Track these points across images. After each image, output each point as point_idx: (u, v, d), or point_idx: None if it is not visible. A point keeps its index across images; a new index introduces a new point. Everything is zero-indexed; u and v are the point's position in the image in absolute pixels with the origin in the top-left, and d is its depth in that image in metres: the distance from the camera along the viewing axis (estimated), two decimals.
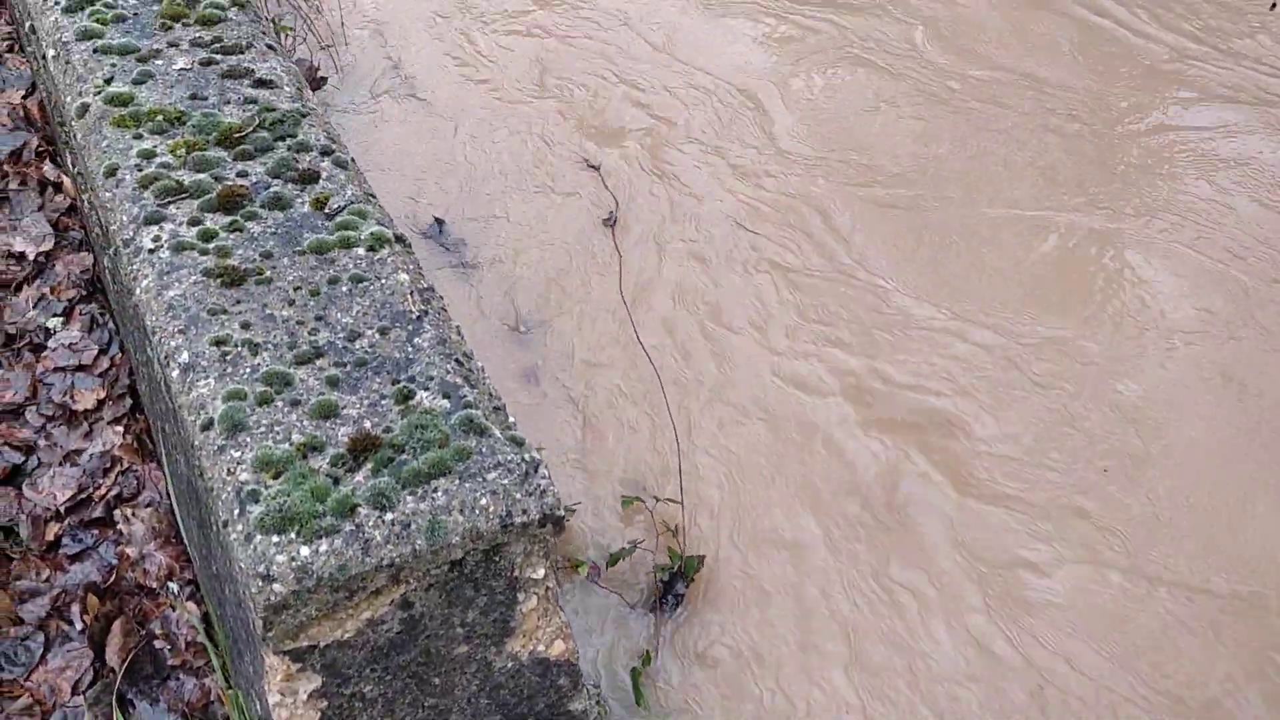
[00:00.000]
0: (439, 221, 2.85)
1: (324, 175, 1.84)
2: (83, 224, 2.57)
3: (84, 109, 1.94)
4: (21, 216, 2.61)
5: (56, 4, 2.16)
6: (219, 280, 1.61)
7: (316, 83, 3.30)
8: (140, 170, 1.80)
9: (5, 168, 2.74)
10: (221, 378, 1.46)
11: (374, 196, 1.86)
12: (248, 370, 1.48)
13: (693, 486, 2.25)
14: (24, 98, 2.93)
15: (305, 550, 1.27)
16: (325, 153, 1.89)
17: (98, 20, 2.12)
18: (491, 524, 1.34)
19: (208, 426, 1.41)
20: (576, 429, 2.39)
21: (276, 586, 1.25)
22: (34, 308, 2.41)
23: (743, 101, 3.23)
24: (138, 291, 1.63)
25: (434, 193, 2.97)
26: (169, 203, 1.74)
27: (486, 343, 2.54)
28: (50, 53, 2.10)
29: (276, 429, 1.40)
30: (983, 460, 2.28)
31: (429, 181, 3.00)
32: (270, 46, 2.14)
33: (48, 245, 2.54)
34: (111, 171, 1.81)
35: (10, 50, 3.08)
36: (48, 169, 2.72)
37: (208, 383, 1.46)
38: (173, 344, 1.52)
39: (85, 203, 2.34)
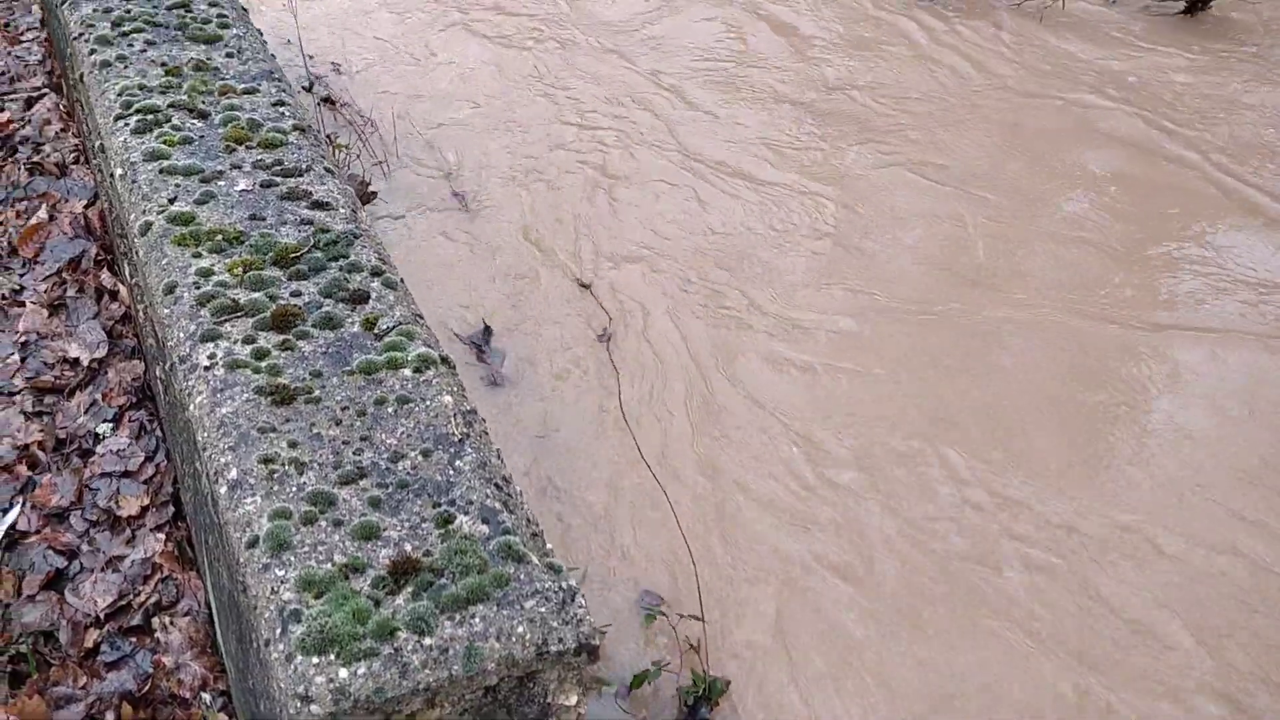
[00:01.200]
0: (487, 330, 2.91)
1: (374, 296, 1.89)
2: (136, 332, 2.65)
3: (147, 227, 2.02)
4: (78, 323, 2.69)
5: (126, 125, 2.26)
6: (270, 398, 1.66)
7: (367, 197, 3.39)
8: (198, 288, 1.86)
9: (65, 275, 2.84)
10: (268, 496, 1.50)
11: (421, 317, 1.92)
12: (294, 489, 1.52)
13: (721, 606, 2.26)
14: (86, 207, 3.04)
15: (344, 672, 1.29)
16: (375, 273, 1.95)
17: (165, 142, 2.21)
18: (527, 652, 1.36)
19: (253, 544, 1.45)
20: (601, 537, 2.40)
21: (314, 708, 1.27)
22: (85, 413, 2.47)
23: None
24: (191, 407, 1.68)
25: (469, 304, 3.03)
26: (225, 320, 1.80)
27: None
28: (118, 171, 2.19)
29: (320, 549, 1.43)
30: None
31: (466, 293, 3.07)
32: (328, 169, 2.23)
33: (101, 352, 2.61)
34: (171, 289, 1.87)
35: (76, 162, 3.21)
36: (105, 277, 2.81)
37: (254, 500, 1.50)
38: (223, 460, 1.56)
39: (140, 312, 2.42)
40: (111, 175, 2.25)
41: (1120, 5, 4.60)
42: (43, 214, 3.02)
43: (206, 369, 1.71)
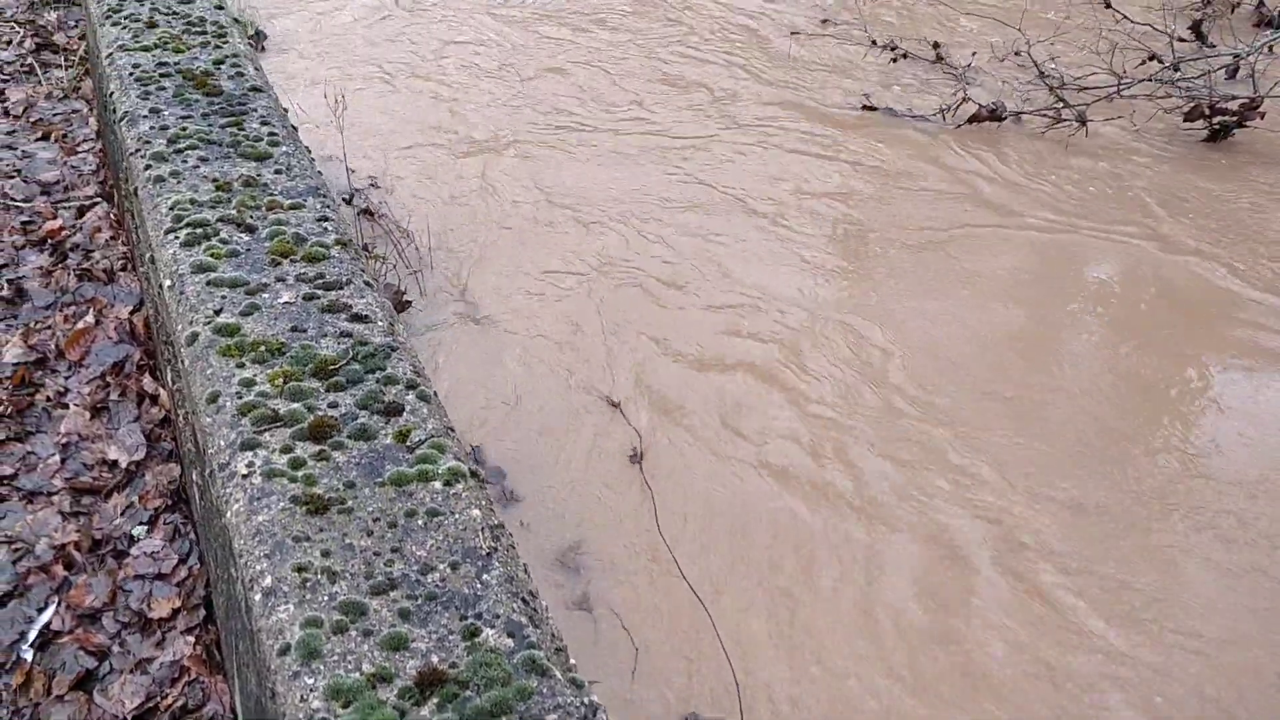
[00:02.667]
0: (474, 449, 2.97)
1: (408, 408, 1.96)
2: (175, 436, 2.72)
3: (194, 337, 2.10)
4: (118, 426, 2.77)
5: (176, 238, 2.36)
6: (305, 508, 1.71)
7: (401, 305, 3.48)
8: (240, 398, 1.93)
9: (108, 378, 2.92)
10: (301, 604, 1.54)
11: (452, 430, 1.97)
12: (325, 598, 1.56)
13: None
14: (131, 313, 3.14)
15: None
16: (410, 386, 2.01)
17: (212, 255, 2.30)
18: None
19: (284, 651, 1.49)
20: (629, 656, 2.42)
21: None
22: (121, 514, 2.53)
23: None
24: (228, 514, 1.73)
25: (487, 418, 3.09)
26: (264, 430, 1.86)
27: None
28: (167, 283, 2.28)
29: (349, 658, 1.47)
30: None
31: (483, 406, 3.14)
32: (367, 283, 2.31)
33: (140, 455, 2.68)
34: (214, 398, 1.94)
35: (124, 269, 3.32)
36: (147, 382, 2.89)
37: (287, 608, 1.54)
38: (258, 568, 1.61)
39: (180, 417, 2.49)
40: (160, 286, 2.34)
41: (1143, 131, 4.70)
42: (89, 319, 3.12)
43: (245, 477, 1.77)
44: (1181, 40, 5.16)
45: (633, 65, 5.11)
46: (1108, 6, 5.15)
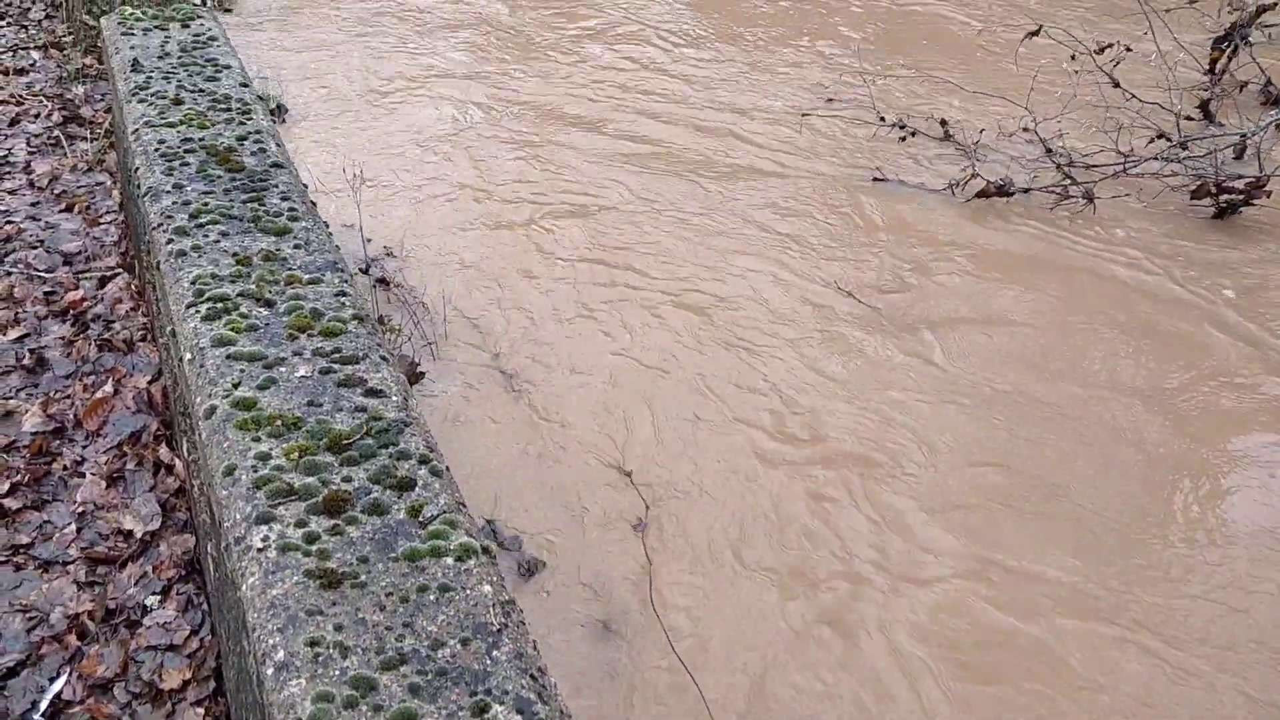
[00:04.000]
0: (489, 522, 2.99)
1: (420, 483, 1.98)
2: (189, 506, 2.74)
3: (211, 410, 2.13)
4: (134, 496, 2.80)
5: (197, 312, 2.41)
6: (318, 582, 1.73)
7: (415, 377, 3.52)
8: (256, 471, 1.96)
9: (125, 448, 2.96)
10: (313, 679, 1.56)
11: (464, 505, 2.00)
12: (337, 672, 1.58)
13: None
14: (149, 383, 3.19)
15: None
16: (423, 461, 2.04)
17: (232, 329, 2.35)
18: None
19: None
20: None
21: None
22: (135, 584, 2.55)
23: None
24: (243, 588, 1.76)
25: (503, 493, 3.12)
26: (279, 504, 1.89)
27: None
28: (187, 356, 2.32)
29: None
30: None
31: (499, 479, 3.16)
32: (382, 357, 2.35)
33: (155, 525, 2.71)
34: (230, 471, 1.97)
35: (143, 340, 3.37)
36: (163, 452, 2.93)
37: (299, 683, 1.56)
38: (270, 642, 1.63)
39: (195, 488, 2.52)
40: (180, 359, 2.38)
41: (1151, 207, 4.75)
42: (108, 388, 3.16)
43: (260, 551, 1.79)
44: (1189, 119, 5.23)
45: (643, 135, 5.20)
46: (1115, 86, 5.21)
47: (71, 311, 3.53)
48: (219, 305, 2.43)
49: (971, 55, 6.32)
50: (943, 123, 5.32)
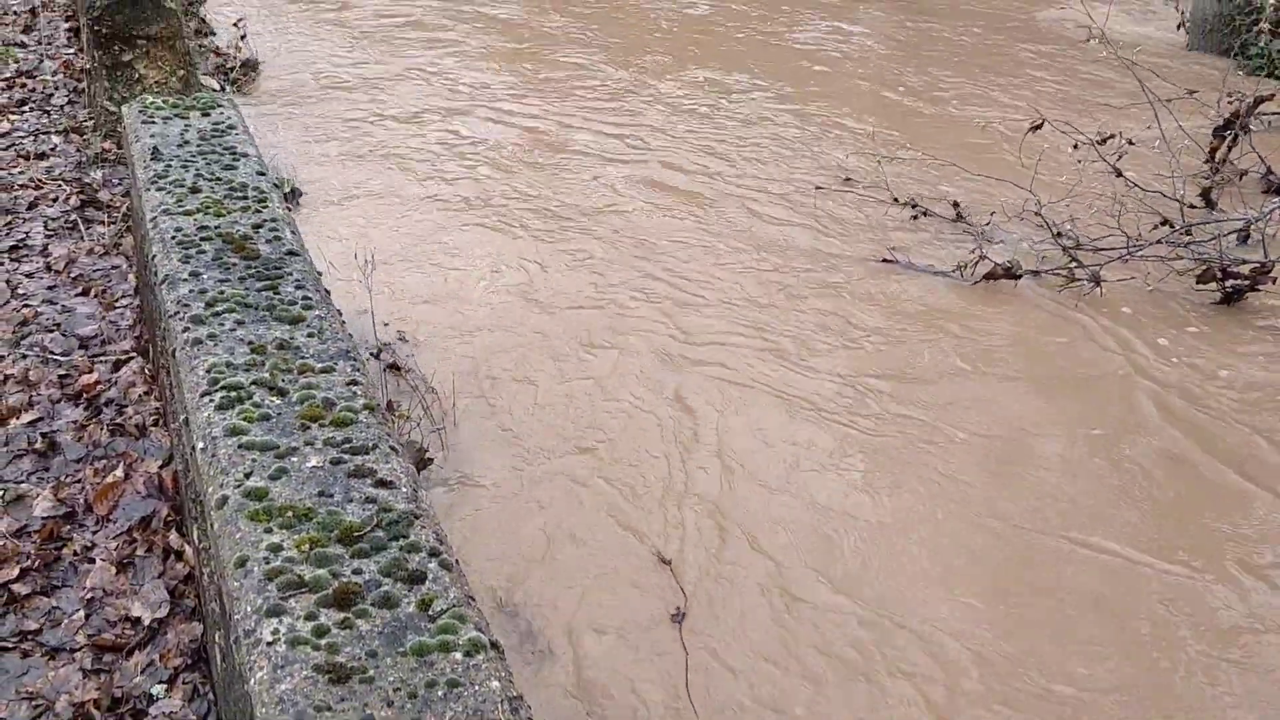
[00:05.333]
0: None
1: (430, 577, 1.99)
2: (198, 594, 2.74)
3: (224, 500, 2.15)
4: (143, 582, 2.80)
5: (211, 401, 2.43)
6: (327, 676, 1.73)
7: (423, 463, 3.53)
8: (268, 563, 1.97)
9: (135, 533, 2.97)
10: None
11: (473, 599, 2.00)
12: None
13: None
14: (160, 468, 3.20)
15: None
16: (433, 554, 2.05)
17: (245, 418, 2.37)
18: None
19: None
20: None
21: None
22: (141, 673, 2.55)
23: None
24: (251, 681, 1.76)
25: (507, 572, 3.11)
26: (290, 596, 1.90)
27: None
28: (199, 445, 2.34)
29: None
30: None
31: (514, 564, 3.16)
32: (393, 448, 2.37)
33: (163, 612, 2.70)
34: (242, 563, 1.98)
35: (155, 424, 3.39)
36: (173, 538, 2.94)
37: None
38: None
39: (204, 576, 2.52)
40: (193, 448, 2.40)
41: (1157, 292, 4.78)
42: (119, 473, 3.18)
43: (270, 644, 1.79)
44: (1193, 207, 5.28)
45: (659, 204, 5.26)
46: (1119, 175, 5.29)
47: (85, 395, 3.56)
48: (232, 394, 2.46)
49: (978, 143, 6.41)
50: (955, 204, 5.38)
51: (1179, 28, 8.43)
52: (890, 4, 9.29)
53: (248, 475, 2.21)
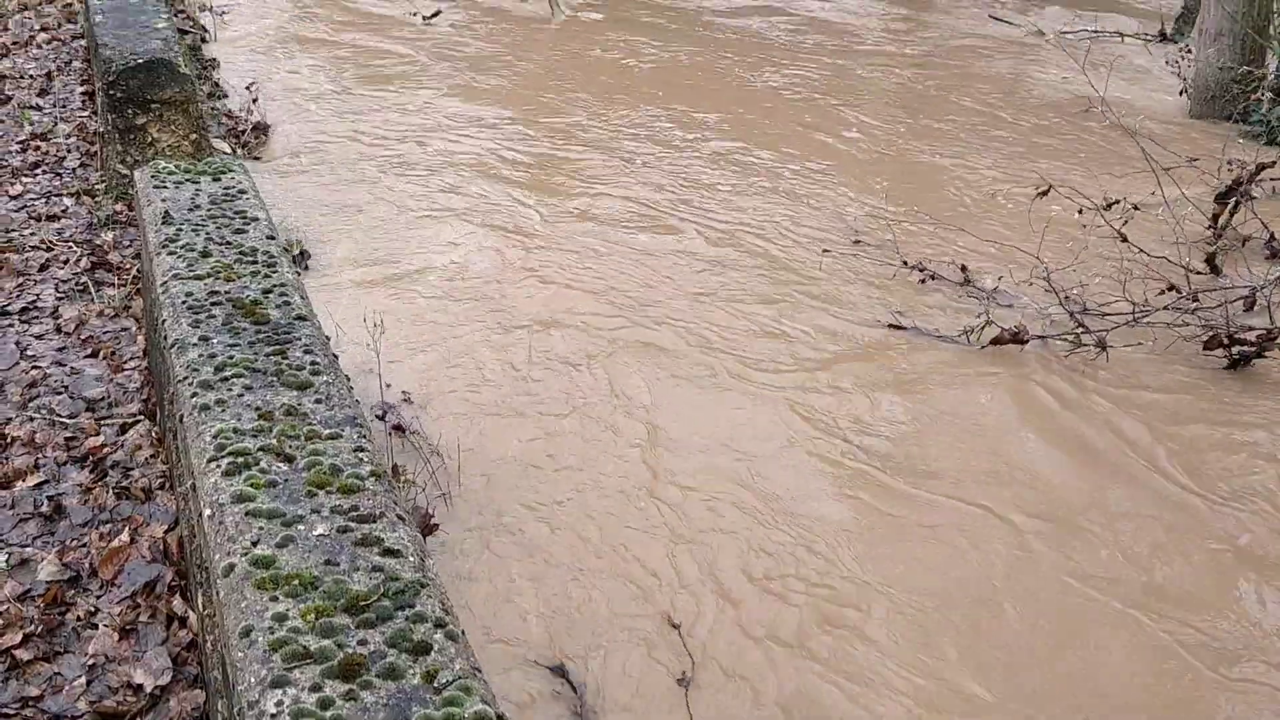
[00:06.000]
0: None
1: (436, 647, 1.97)
2: (201, 660, 2.73)
3: (230, 569, 2.14)
4: (146, 649, 2.79)
5: (218, 467, 2.43)
6: None
7: (429, 529, 3.52)
8: (273, 633, 1.96)
9: (139, 599, 2.95)
10: None
11: (479, 671, 1.98)
12: None
13: None
14: (166, 532, 3.20)
15: None
16: (439, 625, 2.04)
17: (252, 485, 2.37)
18: None
19: None
20: None
21: None
22: None
23: None
24: None
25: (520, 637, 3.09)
26: (294, 667, 1.88)
27: None
28: (207, 512, 2.34)
29: None
30: None
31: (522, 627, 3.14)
32: (399, 516, 2.36)
33: (165, 679, 2.69)
34: (246, 632, 1.97)
35: (161, 488, 3.39)
36: (177, 603, 2.92)
37: None
38: None
39: (208, 643, 2.50)
40: (200, 514, 2.40)
41: (1164, 357, 4.78)
42: (124, 537, 3.17)
43: (274, 716, 1.78)
44: (1198, 273, 5.30)
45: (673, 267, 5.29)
46: (1123, 240, 5.32)
47: (91, 458, 3.56)
48: (240, 460, 2.46)
49: (985, 207, 6.45)
50: (963, 268, 5.40)
51: (1181, 94, 8.52)
52: (893, 71, 9.39)
53: (255, 543, 2.20)
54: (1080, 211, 5.39)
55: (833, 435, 4.14)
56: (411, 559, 2.21)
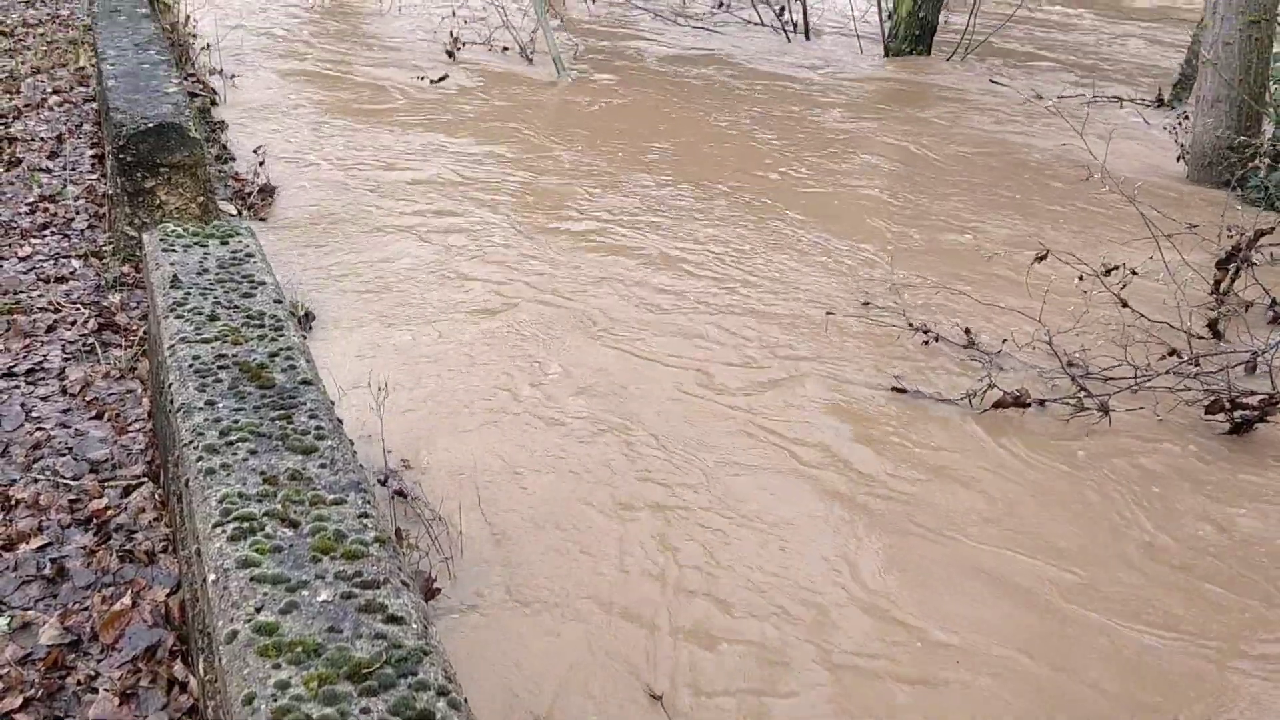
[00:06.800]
0: None
1: (439, 716, 1.97)
2: None
3: (233, 635, 2.14)
4: (146, 714, 2.77)
5: (223, 532, 2.44)
6: None
7: (431, 593, 3.51)
8: (275, 700, 1.95)
9: (140, 664, 2.94)
10: None
11: None
12: None
13: None
14: (168, 596, 3.19)
15: None
16: (442, 692, 2.03)
17: (257, 550, 2.37)
18: None
19: None
20: None
21: None
22: None
23: None
24: None
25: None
26: None
27: None
28: (211, 577, 2.34)
29: None
30: None
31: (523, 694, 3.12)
32: (403, 582, 2.36)
33: None
34: (249, 699, 1.96)
35: (164, 551, 3.39)
36: (178, 668, 2.91)
37: None
38: None
39: (209, 709, 2.49)
40: (204, 579, 2.40)
41: (1166, 422, 4.79)
42: (126, 601, 3.17)
43: None
44: (1200, 338, 5.32)
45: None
46: (1124, 306, 5.35)
47: (95, 520, 3.56)
48: (245, 525, 2.46)
49: (986, 271, 6.49)
50: (966, 330, 5.42)
51: (1178, 159, 8.60)
52: (895, 134, 9.49)
53: (258, 609, 2.20)
54: (1081, 278, 5.42)
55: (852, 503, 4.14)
56: (414, 626, 2.21)
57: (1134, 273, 5.48)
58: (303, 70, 10.55)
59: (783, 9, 13.82)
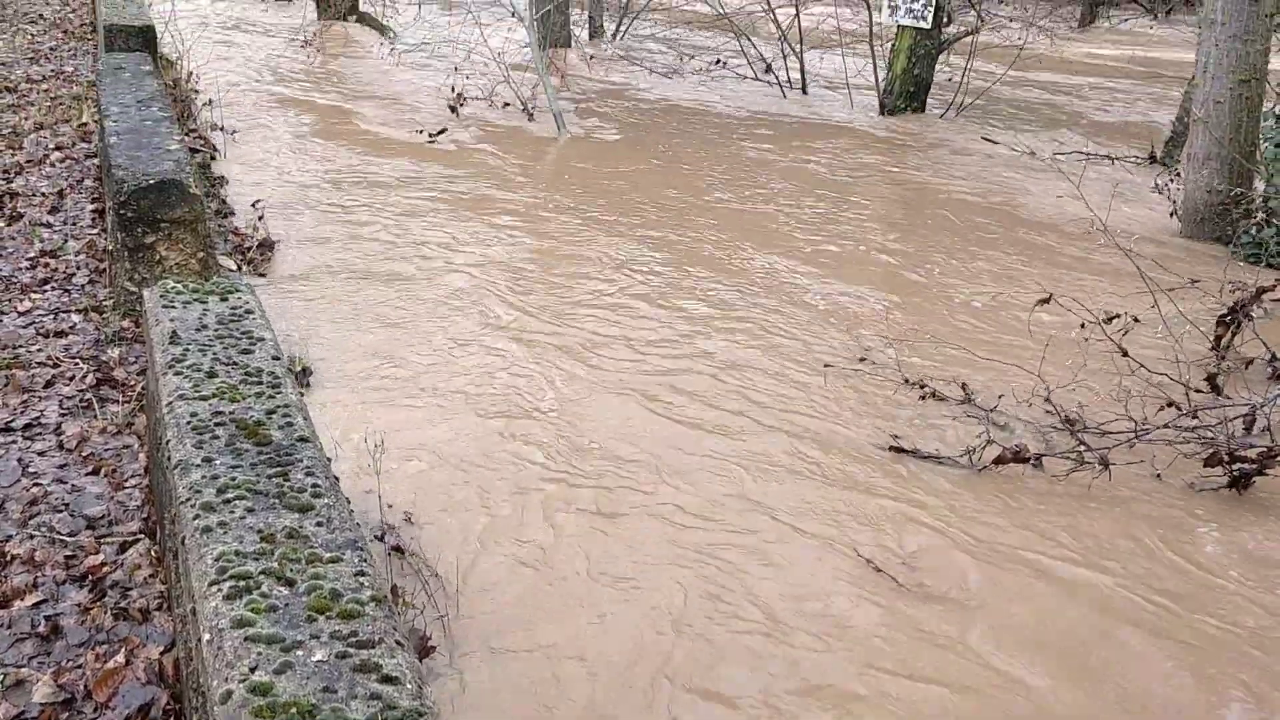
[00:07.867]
0: None
1: None
2: None
3: (228, 695, 2.12)
4: None
5: (219, 591, 2.43)
6: None
7: (426, 651, 3.48)
8: None
9: None
10: None
11: None
12: None
13: None
14: (162, 653, 3.17)
15: None
16: None
17: (253, 609, 2.36)
18: None
19: None
20: None
21: None
22: None
23: None
24: None
25: None
26: None
27: None
28: (206, 636, 2.33)
29: None
30: None
31: None
32: (398, 642, 2.35)
33: None
34: None
35: (159, 609, 3.37)
36: None
37: None
38: None
39: None
40: (199, 639, 2.38)
41: (1166, 475, 4.78)
42: (120, 658, 3.15)
43: None
44: (1199, 391, 5.33)
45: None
46: (1124, 355, 5.36)
47: (90, 577, 3.54)
48: (241, 584, 2.46)
49: (983, 326, 6.51)
50: (963, 386, 5.42)
51: (1171, 215, 8.66)
52: (893, 189, 9.57)
53: (253, 669, 2.19)
54: (1082, 325, 5.45)
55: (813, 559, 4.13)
56: (409, 686, 2.19)
57: (1136, 319, 5.50)
58: (304, 125, 10.65)
59: (768, 67, 14.14)
